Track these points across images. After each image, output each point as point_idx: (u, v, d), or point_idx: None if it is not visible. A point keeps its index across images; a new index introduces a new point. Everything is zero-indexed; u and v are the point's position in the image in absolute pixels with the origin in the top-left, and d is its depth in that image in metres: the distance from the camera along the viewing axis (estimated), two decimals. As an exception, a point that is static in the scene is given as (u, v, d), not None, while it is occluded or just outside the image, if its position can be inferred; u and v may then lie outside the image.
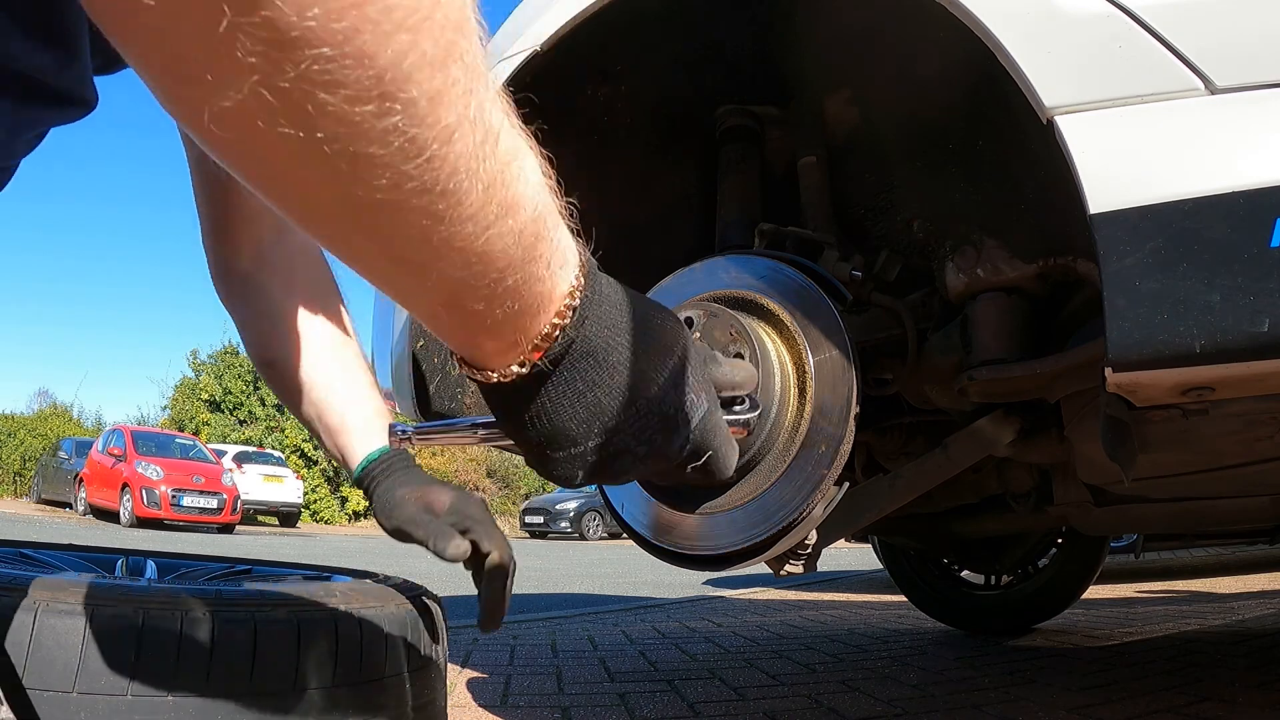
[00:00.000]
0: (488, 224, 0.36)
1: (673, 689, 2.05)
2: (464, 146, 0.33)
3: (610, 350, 0.46)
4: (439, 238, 0.35)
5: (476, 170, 0.34)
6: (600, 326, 0.46)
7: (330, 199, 0.33)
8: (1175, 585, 4.54)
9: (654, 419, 0.50)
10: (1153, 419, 1.19)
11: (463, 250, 0.36)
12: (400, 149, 0.31)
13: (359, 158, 0.31)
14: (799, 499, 1.02)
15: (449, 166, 0.33)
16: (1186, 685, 1.90)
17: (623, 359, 0.47)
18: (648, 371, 0.49)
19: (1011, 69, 0.87)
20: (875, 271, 1.32)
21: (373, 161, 0.31)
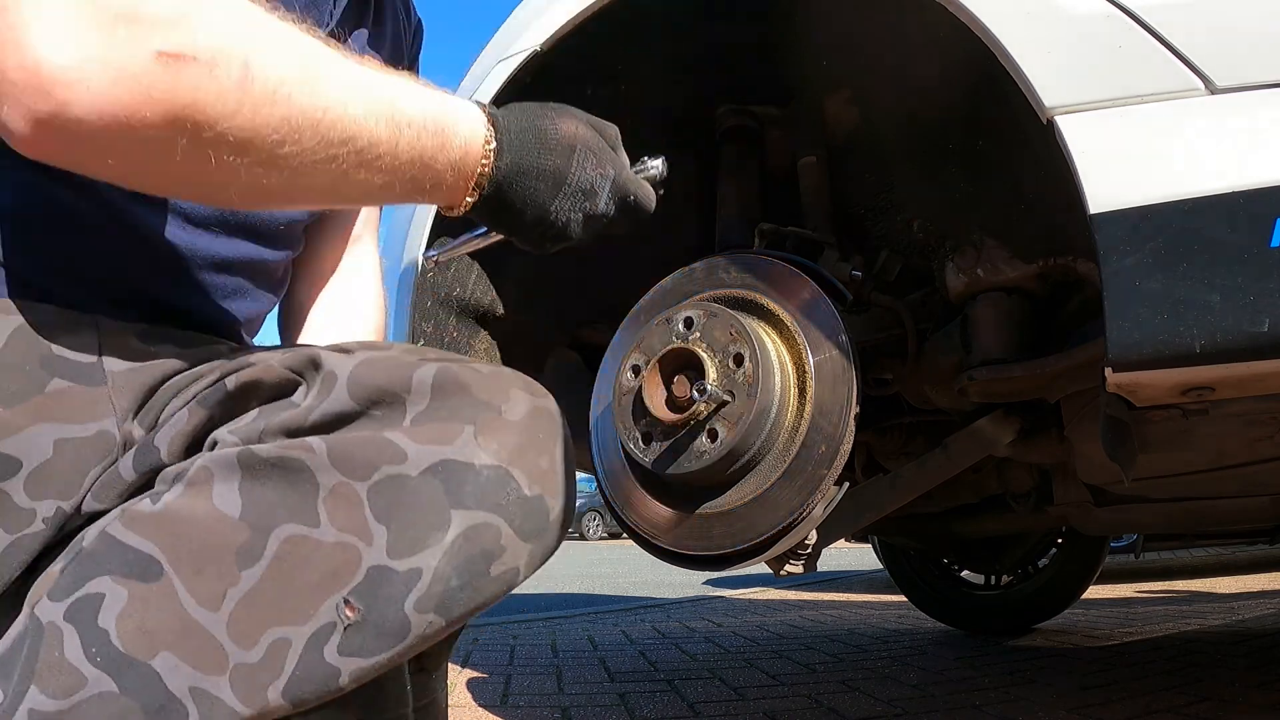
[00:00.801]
0: (401, 141, 0.61)
1: (673, 689, 2.05)
2: (371, 126, 0.59)
3: (527, 162, 0.69)
4: (384, 166, 0.61)
5: (377, 131, 0.60)
6: (516, 152, 0.69)
7: (322, 188, 0.61)
8: (1175, 585, 4.54)
9: (578, 193, 0.72)
10: (1153, 419, 1.19)
11: (405, 162, 0.62)
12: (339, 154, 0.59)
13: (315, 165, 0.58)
14: (799, 499, 1.02)
15: (369, 139, 0.59)
16: (1186, 685, 1.90)
17: (538, 164, 0.70)
18: (560, 165, 0.71)
19: (1011, 69, 0.87)
20: (875, 271, 1.32)
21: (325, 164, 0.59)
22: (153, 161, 0.54)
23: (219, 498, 0.55)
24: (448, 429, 0.56)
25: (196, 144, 0.52)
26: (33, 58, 0.48)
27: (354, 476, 0.54)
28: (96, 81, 0.49)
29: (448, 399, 0.57)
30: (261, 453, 0.55)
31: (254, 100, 0.53)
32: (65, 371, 0.58)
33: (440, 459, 0.55)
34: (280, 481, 0.54)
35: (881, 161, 1.37)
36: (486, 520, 0.55)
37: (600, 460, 1.20)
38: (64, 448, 0.57)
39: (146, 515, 0.55)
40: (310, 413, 0.56)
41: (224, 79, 0.52)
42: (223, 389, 0.60)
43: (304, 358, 0.59)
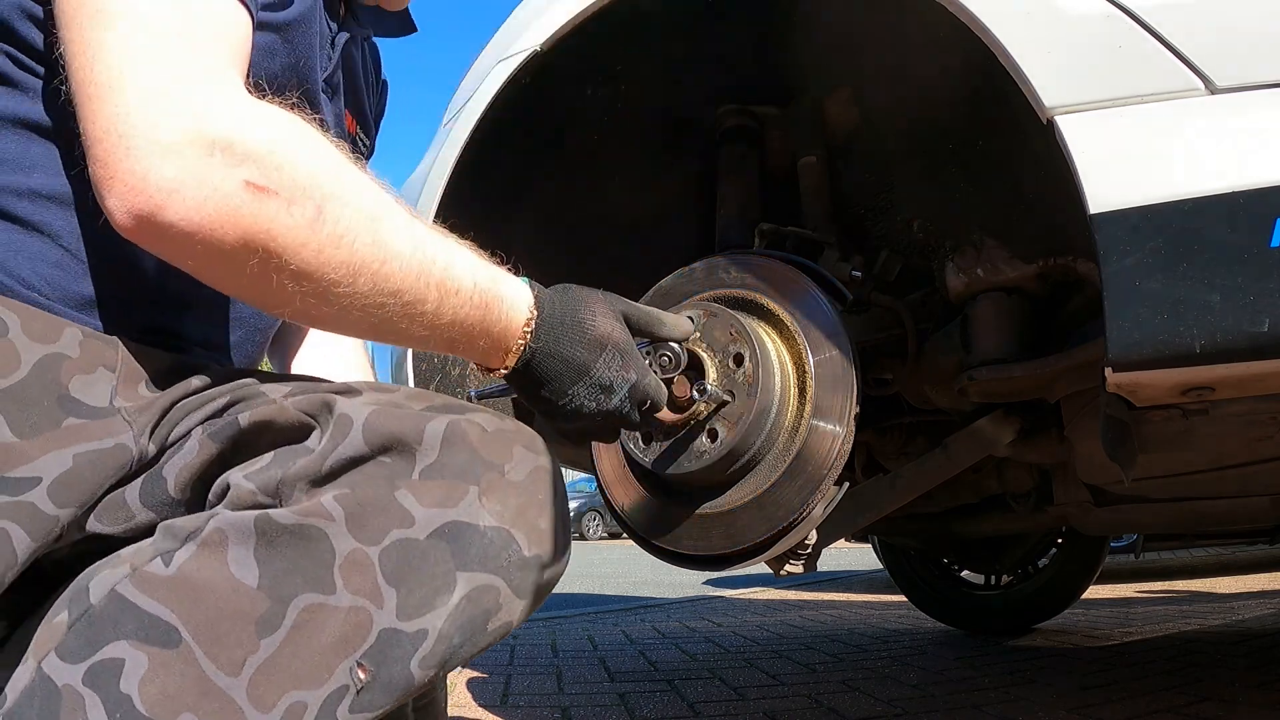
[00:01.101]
0: (448, 304, 0.67)
1: (673, 689, 2.05)
2: (421, 284, 0.65)
3: (559, 350, 0.75)
4: (426, 322, 0.67)
5: (425, 290, 0.65)
6: (550, 339, 0.75)
7: (366, 326, 0.67)
8: (1175, 585, 4.54)
9: (596, 387, 0.77)
10: (1153, 419, 1.19)
11: (445, 324, 0.68)
12: (391, 304, 0.64)
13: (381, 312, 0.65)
14: (799, 499, 1.02)
15: (416, 295, 0.65)
16: (1186, 685, 1.90)
17: (569, 354, 0.76)
18: (587, 359, 0.76)
19: (1011, 69, 0.87)
20: (875, 271, 1.32)
21: (385, 309, 0.65)
22: (224, 270, 0.61)
23: (235, 563, 0.56)
24: (454, 489, 0.60)
25: (264, 267, 0.59)
26: (142, 166, 0.55)
27: (367, 541, 0.58)
28: (189, 197, 0.56)
29: (455, 455, 0.60)
30: (280, 520, 0.57)
31: (320, 241, 0.60)
32: (81, 412, 0.61)
33: (447, 521, 0.59)
34: (297, 549, 0.57)
35: (881, 161, 1.37)
36: (488, 582, 0.60)
37: (600, 460, 1.20)
38: (82, 459, 0.60)
39: (160, 579, 0.56)
40: (325, 459, 0.59)
41: (298, 216, 0.59)
42: (235, 425, 0.62)
43: (318, 401, 0.62)
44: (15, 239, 0.65)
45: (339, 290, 0.62)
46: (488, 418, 0.65)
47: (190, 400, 0.66)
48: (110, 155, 0.56)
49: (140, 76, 0.56)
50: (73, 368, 0.62)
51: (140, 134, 0.55)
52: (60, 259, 0.66)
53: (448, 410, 0.64)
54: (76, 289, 0.67)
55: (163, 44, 0.58)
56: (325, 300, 0.62)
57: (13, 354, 0.60)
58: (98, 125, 0.56)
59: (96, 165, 0.57)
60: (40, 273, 0.66)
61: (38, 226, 0.66)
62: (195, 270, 0.61)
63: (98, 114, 0.56)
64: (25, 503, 0.57)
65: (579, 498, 17.43)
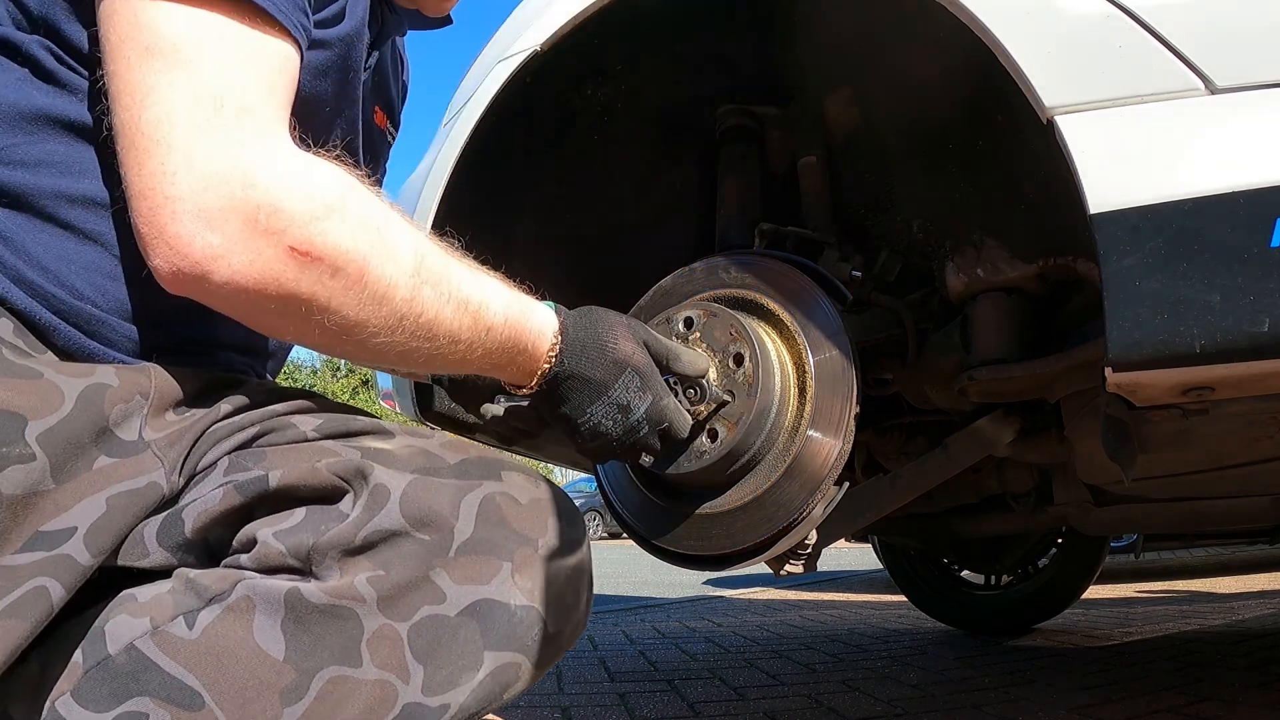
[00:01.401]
0: (480, 341, 0.71)
1: (673, 689, 2.05)
2: (456, 326, 0.68)
3: (579, 370, 0.79)
4: (459, 358, 0.70)
5: (460, 332, 0.69)
6: (574, 360, 0.78)
7: (402, 362, 0.68)
8: (1175, 585, 4.54)
9: (614, 407, 0.81)
10: (1153, 419, 1.19)
11: (477, 358, 0.72)
12: (421, 347, 0.68)
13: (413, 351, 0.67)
14: (799, 499, 1.02)
15: (450, 337, 0.68)
16: (1186, 685, 1.90)
17: (588, 374, 0.79)
18: (606, 379, 0.80)
19: (1011, 69, 0.87)
20: (875, 271, 1.32)
21: (418, 350, 0.67)
22: (268, 321, 0.63)
23: (260, 633, 0.56)
24: (487, 565, 0.60)
25: (307, 321, 0.61)
26: (188, 232, 0.56)
27: (397, 618, 0.58)
28: (235, 263, 0.57)
29: (490, 530, 0.61)
30: (311, 599, 0.57)
31: (362, 300, 0.62)
32: (113, 449, 0.60)
33: (478, 599, 0.59)
34: (327, 627, 0.57)
35: (881, 161, 1.37)
36: (513, 660, 0.61)
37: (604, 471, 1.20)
38: (116, 502, 0.59)
39: (184, 643, 0.56)
40: (360, 530, 0.58)
41: (342, 280, 0.60)
42: (264, 483, 0.61)
43: (352, 467, 0.61)
44: (67, 248, 0.64)
45: (378, 340, 0.64)
46: (523, 486, 0.65)
47: (219, 428, 0.66)
48: (155, 216, 0.56)
49: (189, 137, 0.56)
50: (115, 397, 0.61)
51: (186, 200, 0.55)
52: (114, 269, 0.65)
53: (484, 472, 0.64)
54: (129, 299, 0.66)
55: (213, 99, 0.57)
56: (363, 348, 0.64)
57: (54, 391, 0.58)
58: (142, 180, 0.56)
59: (140, 220, 0.57)
60: (94, 283, 0.64)
61: (90, 235, 0.64)
62: (240, 317, 0.62)
63: (142, 167, 0.56)
64: (63, 556, 0.56)
65: (579, 498, 17.40)
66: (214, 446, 0.65)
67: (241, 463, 0.63)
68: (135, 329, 0.66)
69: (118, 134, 0.58)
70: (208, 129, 0.57)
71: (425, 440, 0.67)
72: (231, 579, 0.58)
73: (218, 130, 0.57)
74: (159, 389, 0.64)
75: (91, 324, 0.64)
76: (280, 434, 0.66)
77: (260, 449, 0.64)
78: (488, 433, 1.52)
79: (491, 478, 0.64)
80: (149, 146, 0.56)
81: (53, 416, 0.57)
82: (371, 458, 0.62)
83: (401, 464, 0.62)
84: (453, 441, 0.68)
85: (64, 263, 0.63)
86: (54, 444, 0.56)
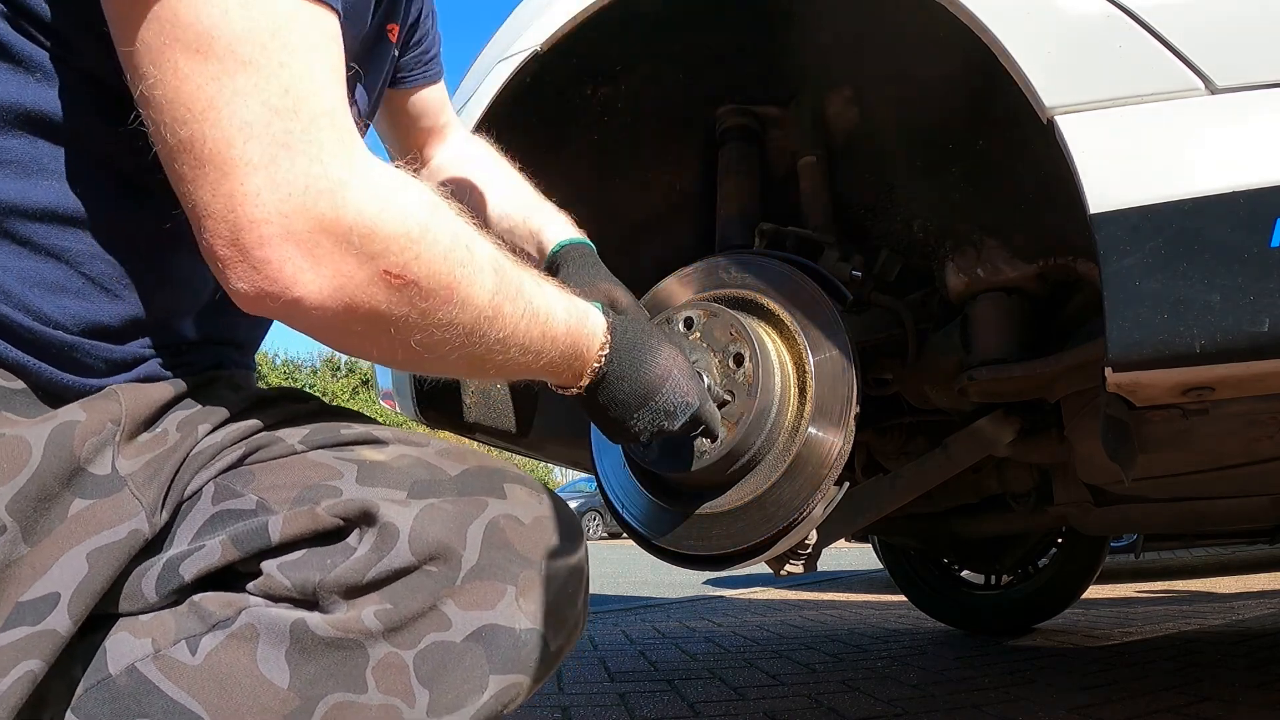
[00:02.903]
0: (547, 350, 0.73)
1: (673, 689, 2.05)
2: (527, 338, 0.70)
3: (627, 372, 0.82)
4: (524, 366, 0.72)
5: (530, 342, 0.70)
6: (620, 364, 0.81)
7: (467, 372, 0.73)
8: (1175, 585, 4.54)
9: (661, 412, 0.84)
10: (1153, 419, 1.19)
11: (541, 365, 0.74)
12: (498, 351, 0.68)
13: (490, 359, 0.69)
14: (799, 499, 1.02)
15: (522, 347, 0.70)
16: (1186, 685, 1.90)
17: (635, 378, 0.82)
18: (652, 382, 0.83)
19: (1011, 69, 0.87)
20: (875, 271, 1.32)
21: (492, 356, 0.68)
22: (351, 342, 0.62)
23: (264, 661, 0.55)
24: (492, 590, 0.59)
25: (388, 339, 0.61)
26: (277, 256, 0.53)
27: (403, 646, 0.57)
28: (325, 286, 0.55)
29: (494, 555, 0.60)
30: (316, 631, 0.56)
31: (451, 319, 0.62)
32: (86, 490, 0.57)
33: (483, 624, 0.59)
34: (332, 657, 0.56)
35: (881, 161, 1.37)
36: (516, 680, 0.60)
37: (600, 460, 1.20)
38: (98, 558, 0.56)
39: (186, 668, 0.55)
40: (368, 569, 0.57)
41: (434, 300, 0.60)
42: (265, 537, 0.58)
43: (356, 508, 0.58)
44: (28, 267, 0.57)
45: (456, 355, 0.64)
46: (526, 502, 0.64)
47: (201, 451, 0.62)
48: (239, 238, 0.53)
49: (269, 154, 0.52)
50: (84, 431, 0.57)
51: (274, 223, 0.52)
52: (81, 287, 0.59)
53: (487, 487, 0.63)
54: (102, 319, 0.61)
55: (287, 106, 0.53)
56: (443, 361, 0.65)
57: (20, 446, 0.54)
58: (219, 201, 0.52)
59: (217, 241, 0.53)
60: (62, 305, 0.58)
61: (53, 252, 0.58)
62: (317, 338, 0.61)
63: (218, 188, 0.52)
64: (46, 632, 0.53)
65: (579, 498, 17.42)
66: (197, 474, 0.62)
67: (230, 487, 0.61)
68: (110, 347, 0.61)
69: (178, 151, 0.53)
70: (288, 142, 0.53)
71: (421, 448, 0.65)
72: (236, 605, 0.57)
73: (299, 142, 0.53)
74: (130, 412, 0.60)
75: (64, 353, 0.59)
76: (267, 450, 0.63)
77: (248, 469, 0.62)
78: (486, 433, 1.52)
79: (495, 494, 0.63)
80: (224, 165, 0.52)
81: (21, 475, 0.53)
82: (368, 475, 0.61)
83: (400, 478, 0.61)
84: (450, 449, 0.66)
85: (25, 284, 0.57)
86: (24, 506, 0.53)
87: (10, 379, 0.57)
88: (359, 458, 0.63)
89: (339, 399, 29.52)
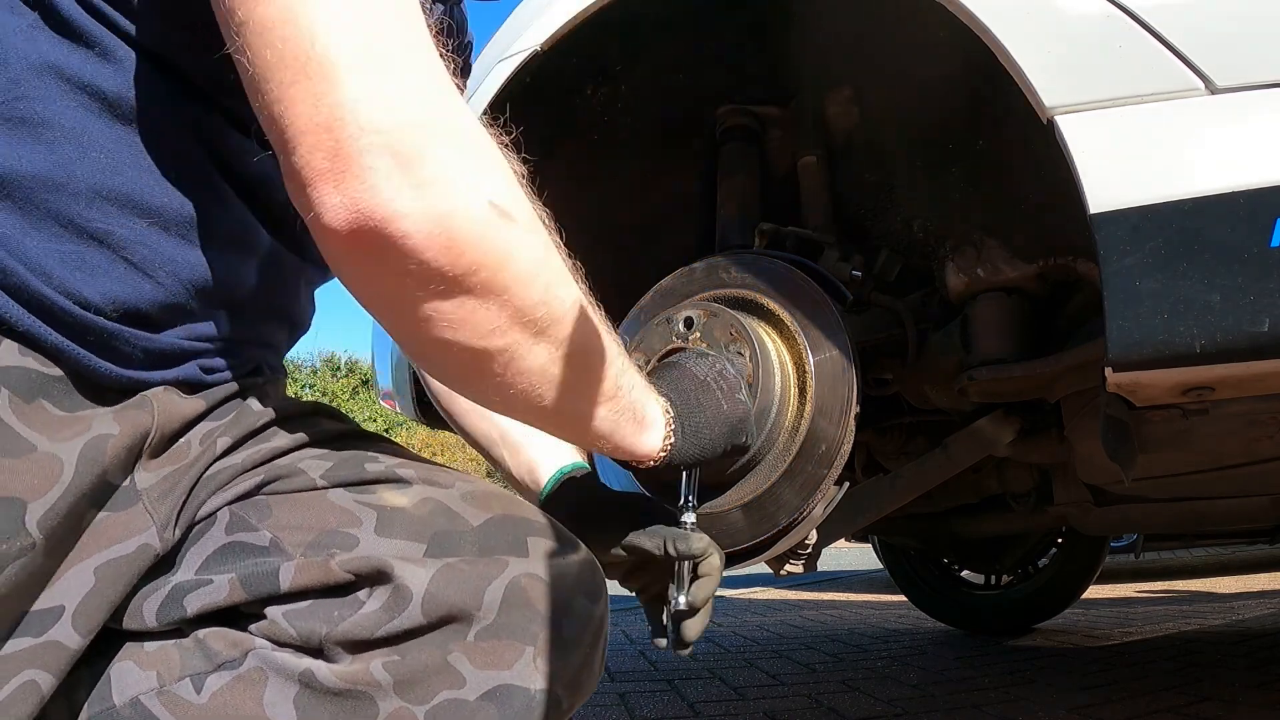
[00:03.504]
0: (621, 389, 0.72)
1: (673, 689, 2.05)
2: (602, 386, 0.68)
3: (696, 435, 0.83)
4: (598, 400, 0.70)
5: (606, 400, 0.71)
6: (689, 439, 0.82)
7: (530, 405, 0.66)
8: (1175, 585, 4.54)
9: (733, 446, 0.90)
10: (1153, 419, 1.19)
11: (603, 432, 0.72)
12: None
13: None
14: (799, 499, 1.02)
15: (592, 368, 0.67)
16: (1186, 685, 1.90)
17: (705, 430, 0.84)
18: (717, 439, 0.86)
19: (1011, 69, 0.87)
20: (875, 271, 1.32)
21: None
22: (435, 303, 0.55)
23: (271, 707, 0.54)
24: (509, 650, 0.57)
25: (487, 300, 0.56)
26: (386, 165, 0.50)
27: (414, 702, 0.55)
28: (433, 211, 0.51)
29: (513, 615, 0.58)
30: (324, 682, 0.55)
31: (547, 277, 0.58)
32: (102, 503, 0.56)
33: (498, 684, 0.57)
34: (340, 706, 0.55)
35: (881, 161, 1.37)
36: None
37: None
38: (105, 571, 0.55)
39: (191, 707, 0.55)
40: (378, 628, 0.55)
41: (532, 248, 0.57)
42: (274, 583, 0.57)
43: (370, 567, 0.56)
44: (72, 251, 0.56)
45: (533, 351, 0.60)
46: (549, 559, 0.62)
47: (219, 471, 0.61)
48: (343, 146, 0.49)
49: (378, 65, 0.51)
50: (116, 446, 0.56)
51: (382, 132, 0.50)
52: (125, 273, 0.58)
53: (510, 543, 0.60)
54: (141, 305, 0.59)
55: (400, 24, 0.53)
56: (511, 367, 0.60)
57: (52, 464, 0.53)
58: (320, 111, 0.50)
59: (319, 155, 0.50)
60: (104, 290, 0.57)
61: (97, 235, 0.56)
62: (393, 298, 0.56)
63: (322, 97, 0.49)
64: (50, 643, 0.52)
65: (579, 498, 17.37)
66: (213, 495, 0.60)
67: (245, 519, 0.60)
68: (149, 335, 0.59)
69: (275, 66, 0.50)
70: (389, 55, 0.52)
71: (444, 490, 0.63)
72: (243, 646, 0.56)
73: (400, 60, 0.52)
74: (160, 426, 0.59)
75: (102, 339, 0.57)
76: (287, 481, 0.61)
77: (265, 499, 0.60)
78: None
79: (517, 551, 0.60)
80: (330, 74, 0.50)
81: (53, 492, 0.53)
82: (387, 525, 0.59)
83: (419, 529, 0.59)
84: (475, 492, 0.64)
85: (67, 267, 0.56)
86: (54, 523, 0.53)
87: (48, 365, 0.56)
88: (379, 503, 0.61)
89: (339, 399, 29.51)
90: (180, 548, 0.60)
